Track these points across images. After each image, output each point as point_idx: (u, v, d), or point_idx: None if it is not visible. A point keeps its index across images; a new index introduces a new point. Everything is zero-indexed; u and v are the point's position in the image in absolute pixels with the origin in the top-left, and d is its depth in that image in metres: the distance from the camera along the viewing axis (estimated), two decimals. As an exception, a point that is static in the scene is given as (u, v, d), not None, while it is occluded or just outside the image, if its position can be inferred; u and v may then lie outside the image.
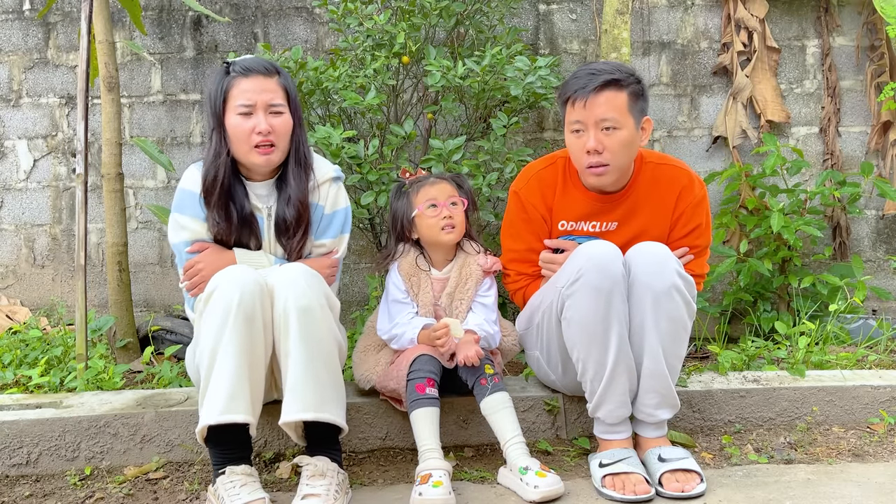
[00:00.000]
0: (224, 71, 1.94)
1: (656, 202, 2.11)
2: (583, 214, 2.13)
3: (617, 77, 1.97)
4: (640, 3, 3.43)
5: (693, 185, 2.12)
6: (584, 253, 1.90)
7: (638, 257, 1.91)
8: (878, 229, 3.47)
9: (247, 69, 1.91)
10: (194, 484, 1.93)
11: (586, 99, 1.96)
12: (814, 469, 1.98)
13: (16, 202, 3.49)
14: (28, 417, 2.02)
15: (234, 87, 1.90)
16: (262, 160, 1.91)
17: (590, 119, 1.97)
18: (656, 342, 1.89)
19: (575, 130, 2.01)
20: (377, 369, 2.10)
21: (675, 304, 1.88)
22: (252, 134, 1.88)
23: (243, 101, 1.88)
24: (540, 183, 2.17)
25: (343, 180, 2.08)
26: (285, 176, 1.97)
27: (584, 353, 1.91)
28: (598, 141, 1.98)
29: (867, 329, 2.92)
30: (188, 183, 1.95)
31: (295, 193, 1.94)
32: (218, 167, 1.90)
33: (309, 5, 3.41)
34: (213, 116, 1.92)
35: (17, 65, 3.48)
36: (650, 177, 2.11)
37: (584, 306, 1.88)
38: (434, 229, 2.09)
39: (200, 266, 1.89)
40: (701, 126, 3.47)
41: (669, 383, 1.92)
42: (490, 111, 2.98)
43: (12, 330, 3.04)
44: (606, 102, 1.96)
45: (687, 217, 2.11)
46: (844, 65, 3.46)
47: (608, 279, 1.86)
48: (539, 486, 1.77)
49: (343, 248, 2.05)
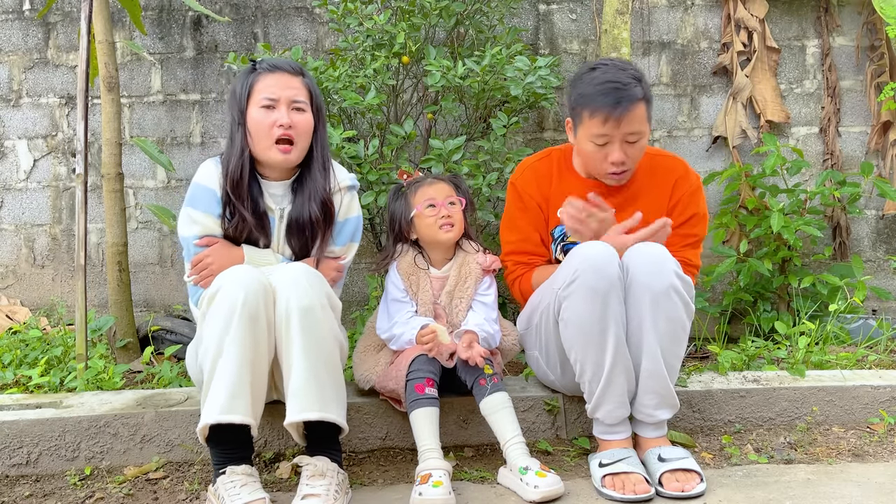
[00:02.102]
0: (250, 68, 1.95)
1: (653, 190, 2.15)
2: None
3: (642, 91, 1.99)
4: (640, 3, 3.43)
5: (689, 175, 2.17)
6: (580, 254, 1.90)
7: (636, 258, 1.91)
8: (878, 229, 3.47)
9: (273, 66, 1.94)
10: (194, 484, 1.93)
11: (622, 115, 1.96)
12: (814, 469, 1.98)
13: (16, 202, 3.49)
14: (28, 417, 2.02)
15: (258, 82, 1.92)
16: (281, 158, 1.91)
17: (618, 134, 2.00)
18: (655, 343, 1.89)
19: (599, 144, 2.02)
20: (377, 369, 2.10)
21: (674, 304, 1.88)
22: (273, 127, 1.88)
23: (267, 94, 1.90)
24: (535, 173, 2.21)
25: (357, 189, 2.09)
26: (304, 177, 1.97)
27: (581, 354, 1.91)
28: (623, 152, 2.02)
29: (867, 329, 2.92)
30: (204, 178, 1.94)
31: (320, 192, 1.95)
32: (242, 163, 1.91)
33: (309, 5, 3.41)
34: (238, 112, 1.93)
35: (17, 65, 3.48)
36: (647, 167, 2.15)
37: (581, 308, 1.88)
38: (433, 228, 2.10)
39: (209, 260, 1.89)
40: (701, 126, 3.47)
41: (668, 383, 1.92)
42: (490, 111, 2.98)
43: (12, 330, 3.04)
44: (636, 117, 1.99)
45: (683, 205, 2.15)
46: (844, 65, 3.46)
47: (604, 280, 1.86)
48: (539, 486, 1.77)
49: (350, 255, 2.06)
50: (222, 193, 1.92)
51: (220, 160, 1.97)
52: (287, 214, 1.97)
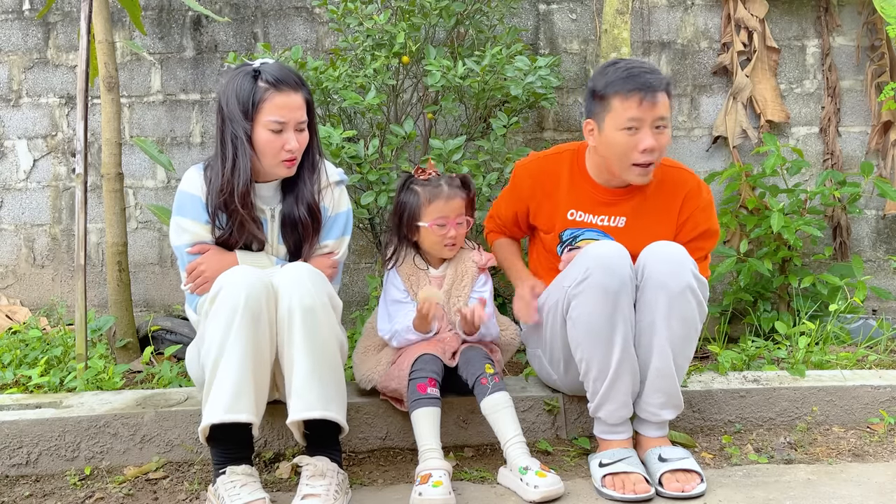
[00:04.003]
0: (252, 77, 1.88)
1: (662, 202, 2.11)
2: (591, 206, 2.12)
3: (668, 79, 2.01)
4: (640, 3, 3.43)
5: (700, 190, 2.12)
6: (592, 253, 1.89)
7: (653, 256, 1.91)
8: (878, 229, 3.47)
9: (279, 81, 1.87)
10: (194, 484, 1.93)
11: (654, 98, 1.94)
12: (814, 469, 1.98)
13: (16, 202, 3.49)
14: (28, 417, 2.02)
15: (267, 100, 1.86)
16: (286, 172, 1.94)
17: (649, 117, 1.94)
18: (666, 342, 1.88)
19: (629, 128, 1.96)
20: (379, 369, 2.10)
21: (689, 304, 1.88)
22: (282, 150, 1.89)
23: (277, 117, 1.86)
24: (538, 170, 2.19)
25: (345, 183, 2.09)
26: (294, 178, 1.97)
27: (588, 352, 1.91)
28: (655, 139, 1.96)
29: (867, 329, 2.92)
30: (189, 186, 1.94)
31: (307, 195, 1.96)
32: (247, 177, 1.87)
33: (309, 5, 3.41)
34: (239, 125, 1.86)
35: (17, 65, 3.48)
36: (657, 177, 2.09)
37: (591, 306, 1.87)
38: (437, 245, 2.12)
39: (203, 268, 1.90)
40: (701, 126, 3.47)
41: (676, 384, 1.93)
42: (490, 111, 2.98)
43: (12, 330, 3.04)
44: (664, 102, 1.97)
45: (695, 221, 2.10)
46: (844, 65, 3.45)
47: (616, 279, 1.85)
48: (539, 486, 1.77)
49: (344, 249, 2.06)
50: (214, 202, 1.90)
51: (204, 168, 1.95)
52: (279, 213, 1.97)
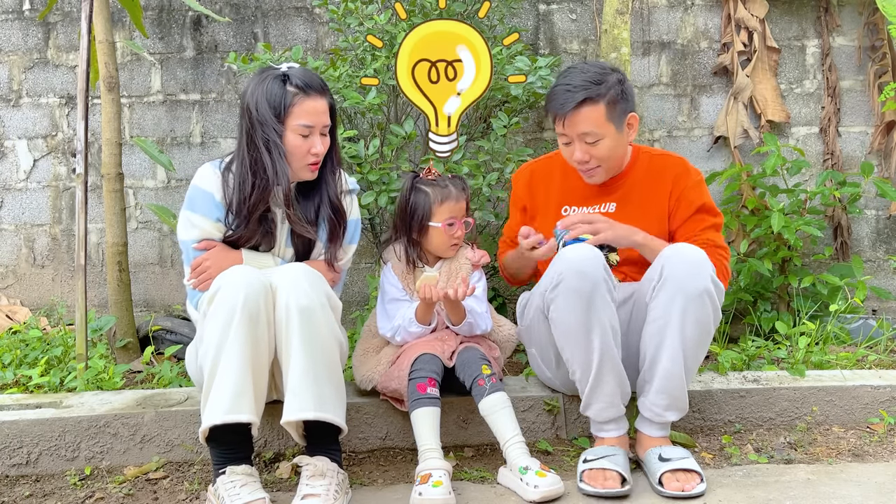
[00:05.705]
0: (281, 81, 1.89)
1: (652, 186, 2.17)
2: (583, 199, 2.21)
3: (591, 94, 2.02)
4: (640, 3, 3.43)
5: (688, 170, 2.19)
6: (565, 258, 1.92)
7: (674, 257, 1.92)
8: (878, 229, 3.46)
9: (307, 86, 1.90)
10: (194, 484, 1.93)
11: (565, 118, 2.05)
12: (814, 469, 1.98)
13: (16, 202, 3.49)
14: (28, 417, 2.02)
15: (297, 104, 1.88)
16: (310, 175, 1.96)
17: (573, 133, 2.07)
18: (679, 344, 1.89)
19: (564, 142, 2.12)
20: (379, 369, 2.10)
21: (705, 308, 1.88)
22: (308, 154, 1.91)
23: (306, 122, 1.89)
24: (531, 176, 2.31)
25: (357, 192, 2.13)
26: (316, 181, 1.99)
27: (569, 354, 1.95)
28: (584, 152, 2.08)
29: (867, 329, 2.92)
30: (203, 182, 1.94)
31: (332, 196, 2.00)
32: (286, 178, 1.88)
33: (309, 5, 3.41)
34: (270, 128, 1.87)
35: (17, 65, 3.48)
36: (646, 165, 2.20)
37: (566, 311, 1.90)
38: (444, 245, 2.15)
39: (208, 264, 1.90)
40: (701, 126, 3.47)
41: (684, 386, 1.93)
42: (490, 111, 2.98)
43: (12, 330, 3.04)
44: (585, 119, 2.03)
45: (689, 199, 2.15)
46: (844, 65, 3.46)
47: (588, 282, 1.86)
48: (539, 486, 1.77)
49: (349, 256, 2.09)
50: (235, 202, 1.90)
51: (223, 167, 1.95)
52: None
